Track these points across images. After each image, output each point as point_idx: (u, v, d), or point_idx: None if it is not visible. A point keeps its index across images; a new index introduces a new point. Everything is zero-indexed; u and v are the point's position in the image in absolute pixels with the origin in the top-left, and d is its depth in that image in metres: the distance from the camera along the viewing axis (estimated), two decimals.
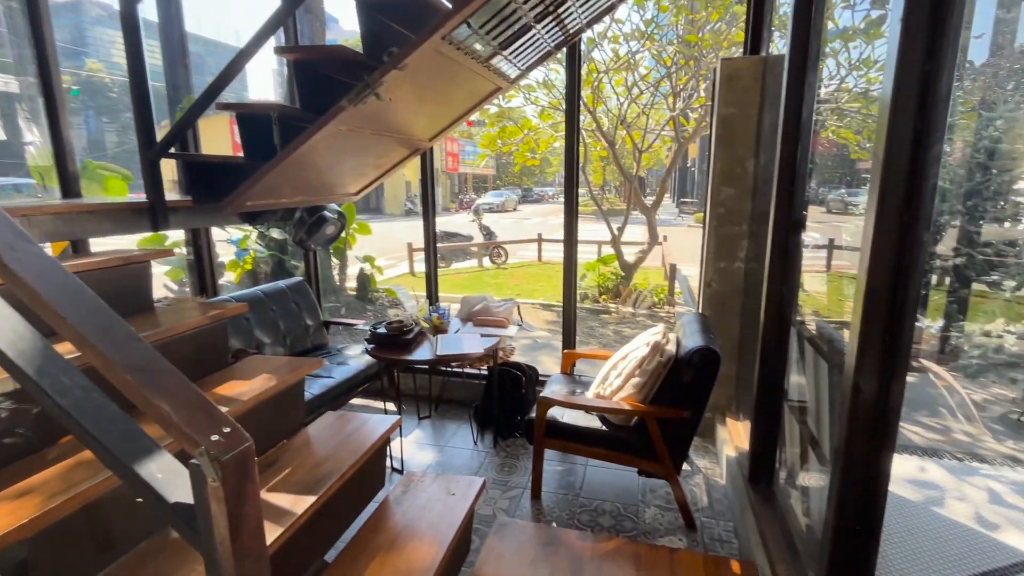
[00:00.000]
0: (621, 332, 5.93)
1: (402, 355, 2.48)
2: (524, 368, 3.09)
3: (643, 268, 7.84)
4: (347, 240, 6.01)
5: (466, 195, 37.09)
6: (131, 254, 1.79)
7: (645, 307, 6.90)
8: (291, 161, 2.13)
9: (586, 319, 6.51)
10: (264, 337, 3.09)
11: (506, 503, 2.35)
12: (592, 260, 8.24)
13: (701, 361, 1.99)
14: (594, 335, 5.79)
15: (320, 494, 1.45)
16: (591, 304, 7.11)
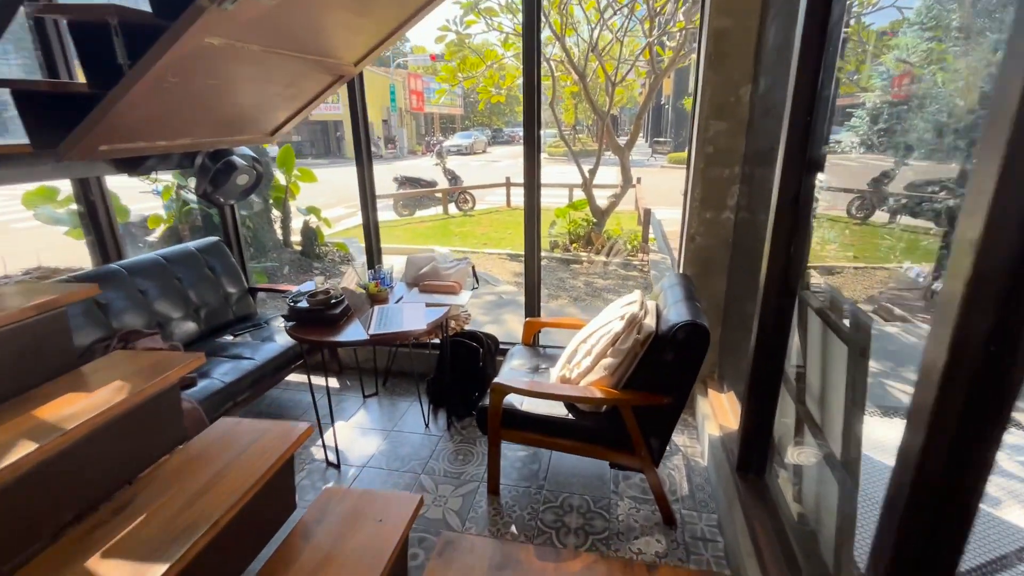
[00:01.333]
0: (593, 284, 5.59)
1: (328, 335, 2.03)
2: (481, 338, 2.70)
3: (616, 213, 7.42)
4: (289, 189, 5.35)
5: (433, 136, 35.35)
6: None
7: (618, 256, 6.55)
8: (150, 90, 1.57)
9: (556, 270, 6.13)
10: (170, 312, 2.58)
11: (458, 501, 2.02)
12: (563, 206, 7.76)
13: (687, 338, 1.62)
14: (564, 287, 5.43)
15: (180, 556, 1.05)
16: (561, 253, 6.71)
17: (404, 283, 2.69)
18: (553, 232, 7.35)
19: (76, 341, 2.16)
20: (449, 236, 8.32)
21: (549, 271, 6.07)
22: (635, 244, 6.69)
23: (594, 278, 5.79)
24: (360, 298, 2.25)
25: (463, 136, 26.27)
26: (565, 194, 9.85)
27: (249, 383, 2.33)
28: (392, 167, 20.56)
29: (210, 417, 2.11)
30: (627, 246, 6.69)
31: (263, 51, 1.75)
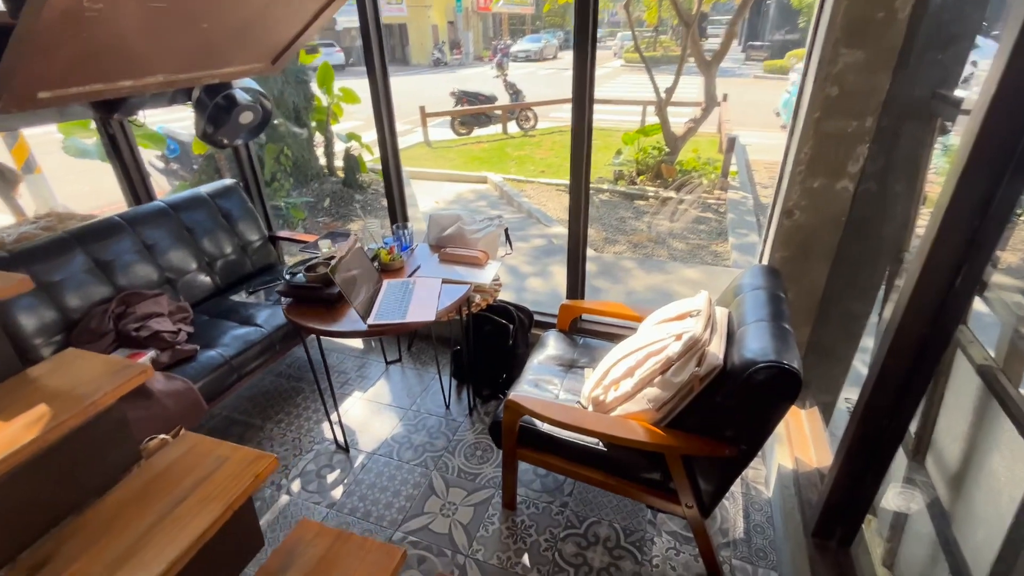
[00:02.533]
0: (658, 227, 4.94)
1: (321, 322, 1.74)
2: (512, 313, 2.33)
3: (695, 137, 6.46)
4: (331, 111, 4.96)
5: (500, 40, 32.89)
6: None
7: (691, 193, 5.75)
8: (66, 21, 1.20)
9: (617, 207, 5.49)
10: (180, 266, 2.40)
11: (469, 513, 1.79)
12: (635, 129, 6.86)
13: (767, 384, 1.16)
14: (624, 229, 4.84)
15: None
16: (625, 186, 6.00)
17: (427, 244, 2.33)
18: (618, 161, 6.57)
19: (73, 304, 2.02)
20: (505, 161, 7.72)
21: (610, 207, 5.45)
22: (712, 179, 5.83)
23: (660, 220, 5.12)
24: (367, 268, 1.92)
25: (531, 40, 24.20)
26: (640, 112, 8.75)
27: (256, 354, 2.14)
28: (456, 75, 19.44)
29: (210, 395, 1.96)
30: (703, 181, 5.85)
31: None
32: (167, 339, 2.00)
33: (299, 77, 4.71)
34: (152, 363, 1.92)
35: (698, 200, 5.57)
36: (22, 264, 1.93)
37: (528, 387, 1.76)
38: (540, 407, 1.46)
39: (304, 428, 2.22)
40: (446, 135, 9.62)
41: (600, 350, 1.91)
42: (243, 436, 2.19)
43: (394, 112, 2.41)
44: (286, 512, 1.83)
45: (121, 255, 2.22)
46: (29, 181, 4.86)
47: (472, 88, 10.10)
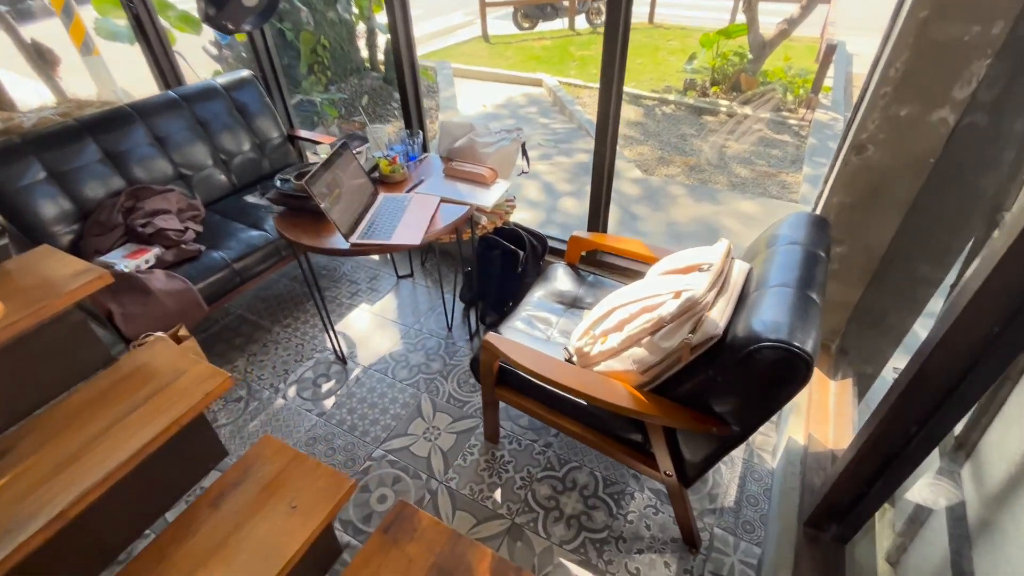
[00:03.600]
0: (724, 149, 4.37)
1: (307, 235, 1.64)
2: (524, 238, 2.14)
3: (788, 42, 5.51)
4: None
5: None
6: None
7: (768, 108, 4.99)
8: None
9: (681, 121, 4.89)
10: (193, 163, 2.35)
11: (451, 440, 1.76)
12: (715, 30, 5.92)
13: (773, 368, 0.95)
14: (683, 148, 4.32)
15: (22, 543, 0.89)
16: (695, 98, 5.29)
17: (439, 156, 2.12)
18: (691, 68, 5.76)
19: (87, 195, 2.03)
20: (565, 61, 6.99)
21: (671, 122, 4.86)
22: (800, 95, 5.00)
23: (728, 140, 4.52)
24: (358, 179, 1.77)
25: None
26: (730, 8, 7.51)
27: (260, 259, 2.11)
28: None
29: (212, 297, 1.98)
30: (787, 97, 5.04)
31: None
32: (172, 237, 2.00)
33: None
34: (156, 260, 1.94)
35: (777, 119, 4.84)
36: (33, 151, 1.93)
37: (520, 323, 1.63)
38: (516, 352, 1.33)
39: (309, 335, 2.24)
40: (508, 28, 8.81)
41: (608, 291, 1.72)
42: (251, 336, 2.24)
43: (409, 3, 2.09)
44: (278, 415, 1.89)
45: (133, 147, 2.18)
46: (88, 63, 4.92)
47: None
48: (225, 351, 2.17)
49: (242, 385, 2.01)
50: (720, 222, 3.16)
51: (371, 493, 1.62)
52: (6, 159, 1.87)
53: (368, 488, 1.63)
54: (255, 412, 1.90)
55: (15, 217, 1.88)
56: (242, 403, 1.94)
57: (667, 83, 5.87)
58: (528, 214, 3.30)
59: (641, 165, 4.00)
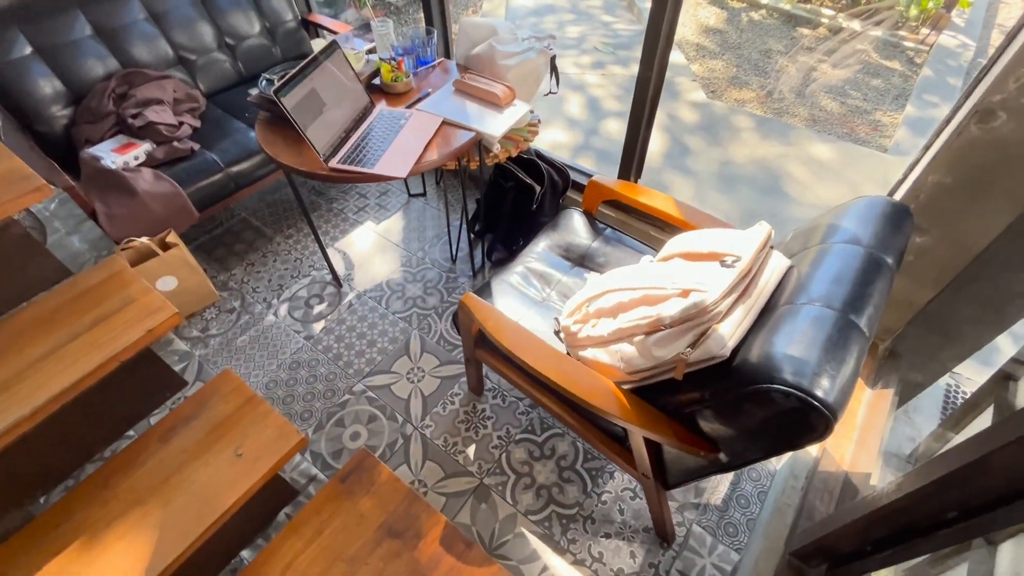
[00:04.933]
0: (813, 73, 3.68)
1: (287, 150, 1.44)
2: (543, 172, 1.87)
3: None
4: None
5: None
6: None
7: (884, 25, 4.10)
8: None
9: (769, 32, 4.11)
10: (194, 45, 2.13)
11: (434, 384, 1.68)
12: None
13: (781, 417, 0.75)
14: (763, 68, 3.66)
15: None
16: (793, 5, 4.40)
17: (456, 63, 1.81)
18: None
19: (78, 76, 1.88)
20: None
21: (757, 33, 4.11)
22: (927, 10, 4.05)
23: (822, 62, 3.80)
24: (348, 88, 1.52)
25: None
26: None
27: (257, 165, 1.96)
28: None
29: (204, 203, 1.86)
30: (911, 11, 4.10)
31: None
32: (164, 133, 1.85)
33: None
34: (146, 157, 1.81)
35: (891, 39, 4.00)
36: (16, 21, 1.76)
37: (516, 278, 1.44)
38: (492, 322, 1.16)
39: (309, 250, 2.13)
40: None
41: (623, 254, 1.49)
42: (252, 244, 2.16)
43: None
44: (267, 333, 1.84)
45: (128, 23, 1.97)
46: None
47: None
48: (224, 257, 2.11)
49: (236, 296, 1.97)
50: (784, 168, 2.72)
51: (345, 429, 1.58)
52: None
53: (343, 423, 1.60)
54: (245, 326, 1.86)
55: (3, 95, 1.77)
56: (234, 315, 1.90)
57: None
58: (561, 134, 2.94)
59: (708, 85, 3.44)
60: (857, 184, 2.59)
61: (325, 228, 2.21)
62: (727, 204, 2.47)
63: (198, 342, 1.82)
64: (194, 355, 1.77)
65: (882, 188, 2.53)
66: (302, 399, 1.65)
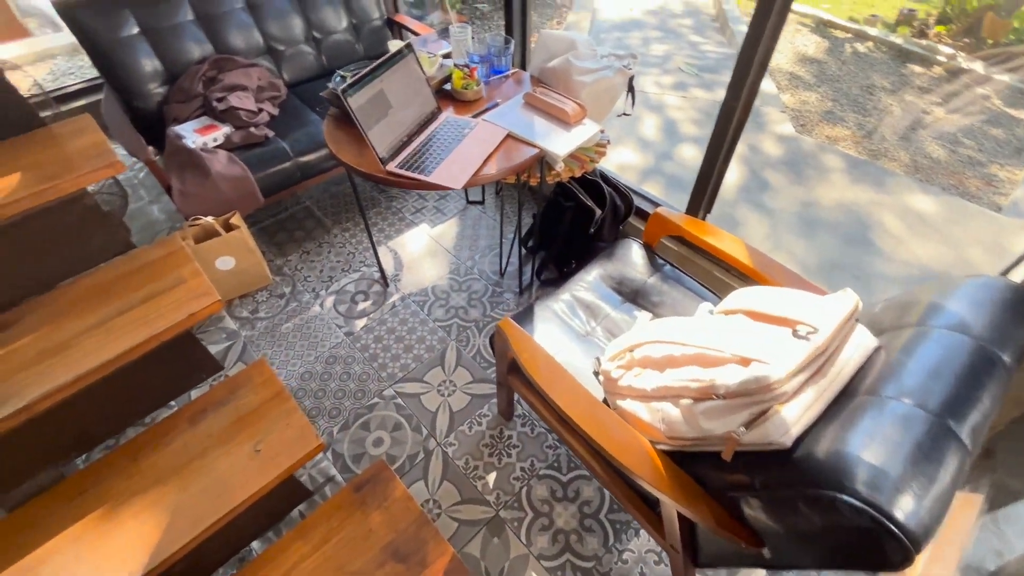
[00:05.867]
0: (923, 118, 3.35)
1: (351, 148, 1.44)
2: (607, 196, 1.78)
3: None
4: None
5: None
6: None
7: (1012, 70, 3.67)
8: None
9: (875, 66, 3.80)
10: (283, 36, 2.21)
11: (464, 401, 1.63)
12: None
13: (847, 532, 0.63)
14: (863, 106, 3.37)
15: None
16: (906, 39, 4.04)
17: (531, 74, 1.77)
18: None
19: (175, 57, 1.99)
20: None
21: (860, 66, 3.81)
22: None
23: (934, 104, 3.45)
24: (416, 92, 1.50)
25: None
26: None
27: (324, 158, 2.00)
28: None
29: (270, 189, 1.92)
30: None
31: None
32: (243, 118, 1.92)
33: None
34: (224, 140, 1.89)
35: (1021, 85, 3.58)
36: (128, 3, 1.88)
37: (561, 306, 1.36)
38: (527, 353, 1.09)
39: (362, 245, 2.15)
40: None
41: (680, 296, 1.37)
42: (311, 232, 2.21)
43: None
44: (311, 323, 1.86)
45: (227, 11, 2.07)
46: None
47: None
48: (284, 242, 2.17)
49: (288, 282, 2.01)
50: (876, 217, 2.47)
51: (370, 433, 1.56)
52: (103, 9, 1.84)
53: (368, 427, 1.58)
54: (292, 313, 1.90)
55: (110, 70, 1.90)
56: (283, 300, 1.94)
57: (875, 10, 4.56)
58: (631, 155, 2.82)
59: (798, 118, 3.21)
60: (962, 244, 2.30)
61: (381, 225, 2.23)
62: (805, 249, 2.27)
63: (246, 323, 1.86)
64: (240, 335, 1.82)
65: (992, 253, 2.24)
66: (333, 395, 1.65)
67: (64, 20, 1.80)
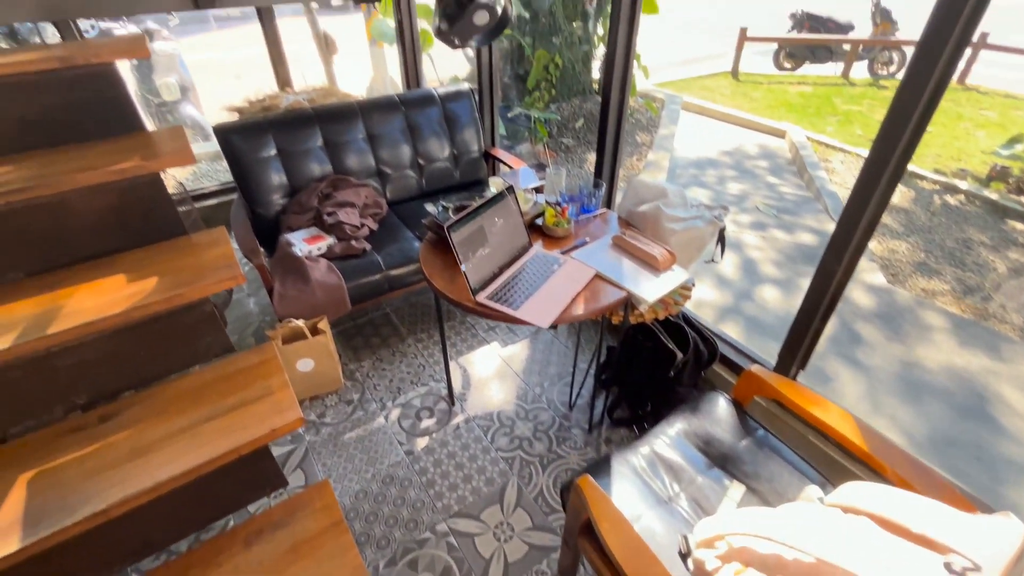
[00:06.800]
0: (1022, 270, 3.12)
1: (442, 274, 1.51)
2: (690, 339, 1.72)
3: None
4: None
5: None
6: None
7: None
8: None
9: (968, 220, 3.66)
10: (393, 160, 2.47)
11: (520, 551, 1.48)
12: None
13: None
14: (961, 260, 3.20)
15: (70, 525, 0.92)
16: (1001, 194, 3.92)
17: (618, 215, 1.83)
18: (1008, 153, 4.31)
19: (300, 174, 2.26)
20: (824, 115, 5.93)
21: (954, 219, 3.68)
22: None
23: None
24: (511, 227, 1.58)
25: None
26: None
27: (412, 272, 2.10)
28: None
29: (359, 297, 2.02)
30: None
31: None
32: (347, 231, 2.10)
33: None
34: (327, 250, 2.05)
35: None
36: (272, 130, 2.20)
37: (641, 461, 1.26)
38: (608, 523, 0.98)
39: (433, 359, 2.17)
40: (762, 67, 7.91)
41: (778, 469, 1.23)
42: (386, 340, 2.27)
43: (638, 28, 1.82)
44: (373, 436, 1.84)
45: (350, 140, 2.37)
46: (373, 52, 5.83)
47: (822, 10, 7.84)
48: (360, 347, 2.23)
49: (358, 388, 2.03)
50: (993, 388, 2.20)
51: (417, 574, 1.44)
52: (252, 135, 2.16)
53: (416, 566, 1.45)
54: (356, 423, 1.89)
55: (245, 182, 2.17)
56: (351, 407, 1.95)
57: (962, 164, 4.52)
58: (709, 291, 2.77)
59: (888, 267, 3.08)
60: None
61: (453, 340, 2.26)
62: (910, 416, 2.03)
63: (311, 427, 1.87)
64: (304, 440, 1.82)
65: None
66: (384, 522, 1.56)
67: (217, 138, 2.12)
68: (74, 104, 1.30)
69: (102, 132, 1.36)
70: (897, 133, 1.22)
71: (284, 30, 3.07)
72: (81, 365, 1.15)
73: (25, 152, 1.27)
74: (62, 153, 1.26)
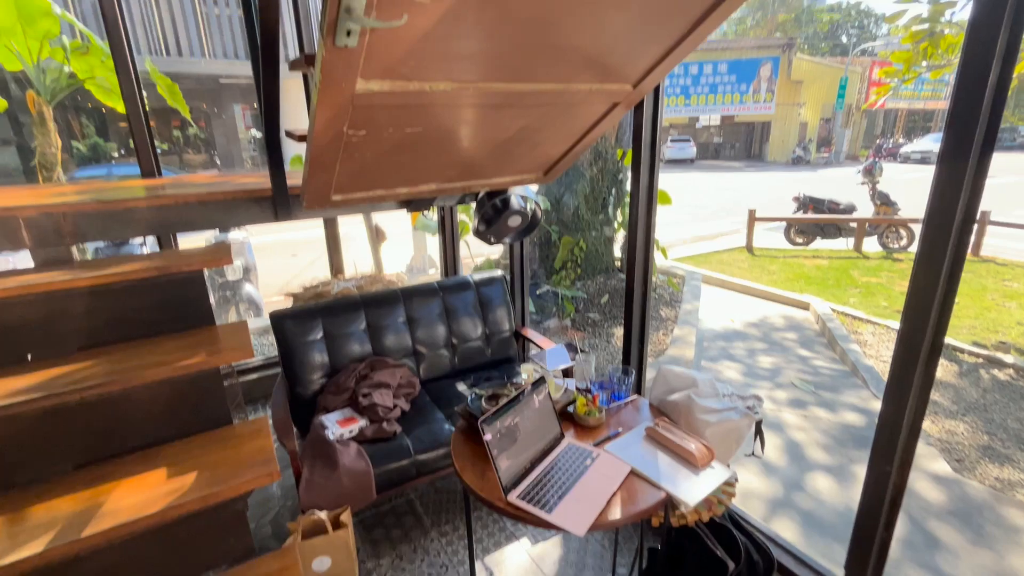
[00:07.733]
0: None
1: (473, 468, 1.48)
2: (741, 546, 1.56)
3: None
4: None
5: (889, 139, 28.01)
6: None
7: None
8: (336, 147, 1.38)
9: (1013, 387, 3.45)
10: (429, 342, 2.61)
11: None
12: None
13: None
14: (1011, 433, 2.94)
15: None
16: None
17: (649, 403, 1.83)
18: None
19: (341, 356, 2.39)
20: (844, 287, 6.10)
21: (1011, 395, 3.48)
22: None
23: None
24: (543, 417, 1.58)
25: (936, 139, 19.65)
26: None
27: (441, 457, 2.06)
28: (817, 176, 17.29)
29: (385, 484, 1.96)
30: None
31: (460, 88, 1.28)
32: (379, 414, 2.13)
33: (616, 175, 4.87)
34: (358, 432, 2.06)
35: None
36: (321, 315, 2.41)
37: None
38: None
39: (458, 557, 1.99)
40: (776, 242, 8.45)
41: None
42: (408, 533, 2.13)
43: (655, 214, 2.02)
44: None
45: (390, 323, 2.55)
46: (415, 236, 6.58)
47: (823, 194, 8.61)
48: (380, 540, 2.09)
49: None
50: None
51: None
52: (304, 320, 2.36)
53: None
54: None
55: (290, 362, 2.30)
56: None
57: (1000, 336, 4.43)
58: (755, 480, 2.58)
59: (951, 451, 2.85)
60: None
61: (479, 534, 2.10)
62: None
63: None
64: None
65: None
66: None
67: (272, 324, 2.31)
68: (159, 304, 1.49)
69: (175, 326, 1.53)
70: (925, 306, 1.21)
71: (340, 217, 3.55)
72: (102, 571, 1.11)
73: (103, 347, 1.41)
74: (136, 348, 1.41)
